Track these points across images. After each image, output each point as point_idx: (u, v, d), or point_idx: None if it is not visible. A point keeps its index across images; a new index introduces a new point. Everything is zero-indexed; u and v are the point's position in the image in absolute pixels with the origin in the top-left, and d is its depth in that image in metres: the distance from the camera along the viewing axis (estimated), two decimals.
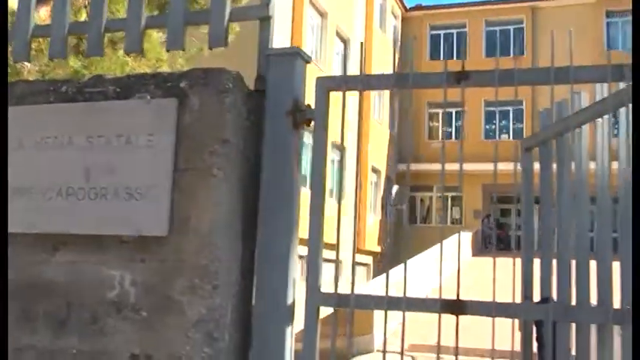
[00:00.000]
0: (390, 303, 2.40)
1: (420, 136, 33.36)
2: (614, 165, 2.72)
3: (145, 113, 2.61)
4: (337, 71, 24.50)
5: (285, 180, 2.53)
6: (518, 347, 3.12)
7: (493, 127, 32.95)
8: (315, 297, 2.47)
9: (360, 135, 3.24)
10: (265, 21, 2.69)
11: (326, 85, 2.54)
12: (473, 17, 33.53)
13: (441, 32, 34.19)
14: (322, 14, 22.93)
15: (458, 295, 2.44)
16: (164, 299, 2.46)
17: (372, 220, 28.43)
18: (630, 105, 2.42)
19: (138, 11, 2.83)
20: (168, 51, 2.89)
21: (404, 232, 31.52)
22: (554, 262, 3.05)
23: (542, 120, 3.37)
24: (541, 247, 3.27)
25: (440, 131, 33.86)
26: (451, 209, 33.23)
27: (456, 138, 33.53)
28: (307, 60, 2.65)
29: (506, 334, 2.65)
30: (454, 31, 33.94)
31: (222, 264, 2.45)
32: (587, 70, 2.48)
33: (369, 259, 28.17)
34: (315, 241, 2.52)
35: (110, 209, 2.59)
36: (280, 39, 20.02)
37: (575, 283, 2.83)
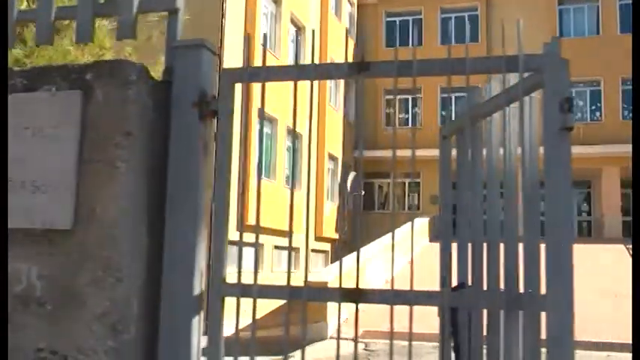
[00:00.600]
0: (291, 293, 2.42)
1: (377, 122, 33.49)
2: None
3: (51, 105, 2.59)
4: (291, 57, 24.45)
5: (190, 172, 2.53)
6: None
7: (450, 114, 33.17)
8: (219, 287, 2.48)
9: (317, 122, 3.27)
10: (173, 13, 2.68)
11: (230, 76, 2.55)
12: (428, 4, 33.68)
13: (397, 19, 34.28)
14: (276, 1, 22.82)
15: (357, 284, 2.45)
16: (69, 292, 2.46)
17: (330, 208, 28.50)
18: (533, 94, 2.46)
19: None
20: (77, 44, 2.86)
21: (361, 219, 31.67)
22: (469, 247, 3.10)
23: (460, 108, 3.42)
24: (458, 233, 3.32)
25: (396, 118, 33.98)
26: (408, 196, 33.47)
27: (412, 125, 33.71)
28: (214, 52, 2.65)
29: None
30: (409, 18, 34.06)
31: (127, 256, 2.45)
32: (483, 61, 2.51)
33: (327, 246, 28.27)
34: (219, 231, 2.52)
35: (17, 202, 2.57)
36: (234, 26, 19.90)
37: (486, 268, 2.88)
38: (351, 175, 30.53)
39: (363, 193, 31.94)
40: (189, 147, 2.55)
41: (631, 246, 25.39)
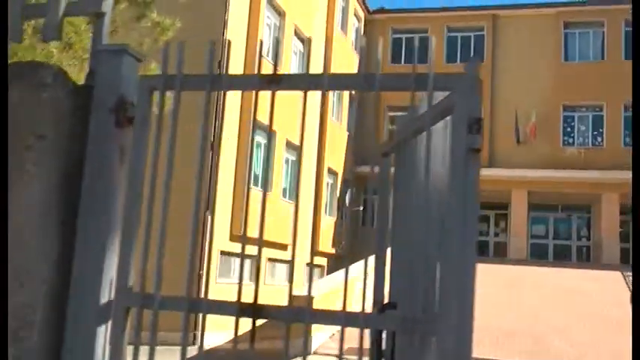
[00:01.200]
0: (191, 306, 2.37)
1: (378, 139, 33.38)
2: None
3: None
4: (294, 69, 24.50)
5: (105, 178, 2.49)
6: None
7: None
8: (122, 297, 2.44)
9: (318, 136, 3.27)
10: (99, 17, 2.65)
11: (147, 84, 2.51)
12: (435, 23, 33.74)
13: (403, 36, 34.34)
14: (281, 13, 22.87)
15: (255, 300, 2.40)
16: None
17: (327, 222, 28.45)
18: (448, 117, 2.43)
19: None
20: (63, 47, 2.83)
21: (359, 235, 31.59)
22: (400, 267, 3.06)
23: (398, 125, 3.39)
24: (392, 253, 3.28)
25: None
26: None
27: None
28: (139, 58, 2.62)
29: None
30: (416, 35, 34.07)
31: (31, 261, 2.41)
32: (393, 78, 2.48)
33: (323, 261, 28.20)
34: (126, 240, 2.47)
35: None
36: (236, 37, 19.96)
37: (412, 289, 2.83)
38: (350, 190, 30.52)
39: (362, 208, 31.89)
40: (105, 153, 2.51)
41: (629, 273, 25.24)
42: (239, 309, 2.30)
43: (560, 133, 31.96)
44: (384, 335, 3.10)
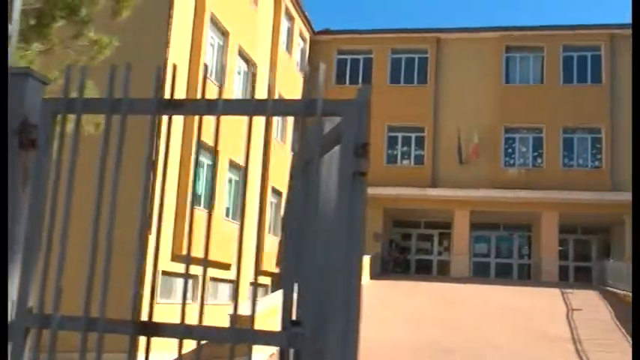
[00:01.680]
0: (88, 325, 2.40)
1: None
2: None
3: None
4: (238, 89, 24.55)
5: (8, 200, 2.51)
6: None
7: (395, 152, 33.63)
8: (21, 317, 2.46)
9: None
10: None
11: (50, 107, 2.55)
12: (379, 44, 34.22)
13: (348, 57, 34.74)
14: (224, 33, 22.92)
15: (150, 318, 2.45)
16: None
17: (271, 241, 28.42)
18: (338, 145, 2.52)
19: None
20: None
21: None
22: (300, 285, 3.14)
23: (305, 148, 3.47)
24: (300, 270, 3.35)
25: None
26: None
27: None
28: (44, 82, 2.65)
29: None
30: (361, 57, 34.56)
31: None
32: (285, 103, 2.58)
33: (267, 280, 28.13)
34: (27, 261, 2.50)
35: None
36: (179, 56, 19.91)
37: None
38: None
39: None
40: (9, 175, 2.54)
41: (567, 290, 25.84)
42: (134, 328, 2.35)
43: (502, 153, 32.66)
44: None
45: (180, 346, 2.54)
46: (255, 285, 2.78)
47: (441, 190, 32.11)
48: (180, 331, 2.42)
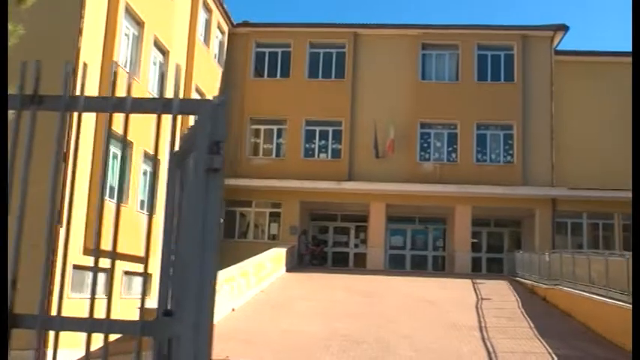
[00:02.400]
0: None
1: (241, 151, 33.58)
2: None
3: None
4: (153, 80, 24.21)
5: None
6: None
7: (313, 146, 33.84)
8: None
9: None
10: None
11: None
12: (298, 38, 34.30)
13: (266, 50, 34.70)
14: (140, 23, 22.55)
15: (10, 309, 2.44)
16: None
17: None
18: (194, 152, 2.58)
19: None
20: None
21: (220, 247, 31.48)
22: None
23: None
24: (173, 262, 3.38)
25: (261, 147, 34.33)
26: (269, 225, 33.66)
27: (276, 155, 34.09)
28: None
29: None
30: (279, 50, 34.56)
31: None
32: (143, 101, 2.61)
33: None
34: None
35: None
36: (92, 45, 19.51)
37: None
38: None
39: (221, 220, 31.80)
40: None
41: (479, 281, 26.60)
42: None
43: (417, 148, 33.27)
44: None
45: (89, 341, 2.56)
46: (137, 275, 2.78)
47: (358, 183, 32.50)
48: (39, 322, 2.43)
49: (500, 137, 33.45)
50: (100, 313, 2.62)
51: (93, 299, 2.67)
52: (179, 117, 2.57)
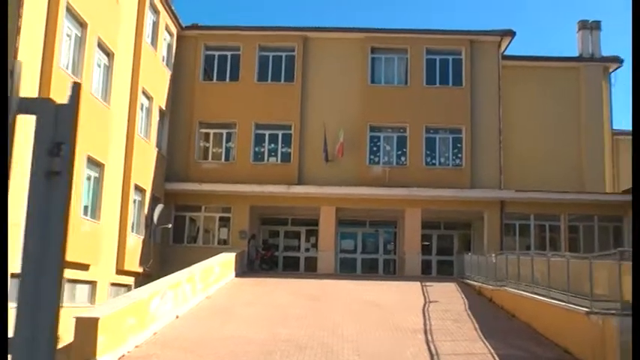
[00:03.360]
0: None
1: (190, 155, 33.22)
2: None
3: None
4: (97, 82, 23.75)
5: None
6: None
7: (262, 149, 33.64)
8: None
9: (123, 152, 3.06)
10: None
11: None
12: (247, 41, 34.08)
13: (215, 53, 34.39)
14: (82, 24, 22.05)
15: None
16: None
17: (134, 240, 27.73)
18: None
19: None
20: None
21: (169, 253, 31.12)
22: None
23: None
24: None
25: (210, 152, 33.97)
26: (219, 230, 33.33)
27: (226, 159, 33.79)
28: None
29: None
30: (228, 53, 34.29)
31: None
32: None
33: (130, 280, 27.40)
34: None
35: None
36: (31, 46, 19.02)
37: None
38: (159, 207, 29.96)
39: (169, 226, 31.42)
40: None
41: (428, 283, 26.69)
42: None
43: (367, 152, 33.31)
44: None
45: None
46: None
47: (307, 187, 32.40)
48: None
49: (449, 141, 33.68)
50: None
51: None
52: (18, 117, 2.38)
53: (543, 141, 35.05)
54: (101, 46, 23.76)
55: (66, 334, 12.85)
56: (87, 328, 13.16)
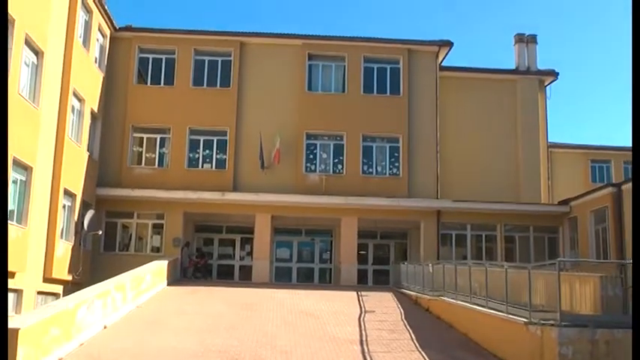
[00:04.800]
0: None
1: (122, 160, 32.28)
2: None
3: None
4: (25, 82, 22.77)
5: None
6: None
7: (197, 155, 32.95)
8: None
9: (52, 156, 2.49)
10: None
11: None
12: (183, 45, 33.38)
13: (150, 56, 33.56)
14: (9, 21, 21.07)
15: None
16: None
17: (63, 247, 26.68)
18: None
19: None
20: None
21: (100, 260, 30.11)
22: None
23: None
24: None
25: (143, 157, 33.07)
26: (152, 237, 32.45)
27: (159, 165, 32.95)
28: None
29: None
30: (163, 56, 33.51)
31: None
32: None
33: (58, 289, 26.35)
34: None
35: None
36: None
37: None
38: (90, 213, 28.96)
39: (100, 232, 30.42)
40: None
41: (364, 293, 26.44)
42: None
43: (304, 159, 32.98)
44: None
45: None
46: None
47: (243, 194, 31.86)
48: None
49: (386, 149, 33.62)
50: None
51: None
52: None
53: (480, 152, 35.40)
54: (29, 44, 22.80)
55: None
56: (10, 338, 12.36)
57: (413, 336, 18.16)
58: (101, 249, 31.27)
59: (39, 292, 24.92)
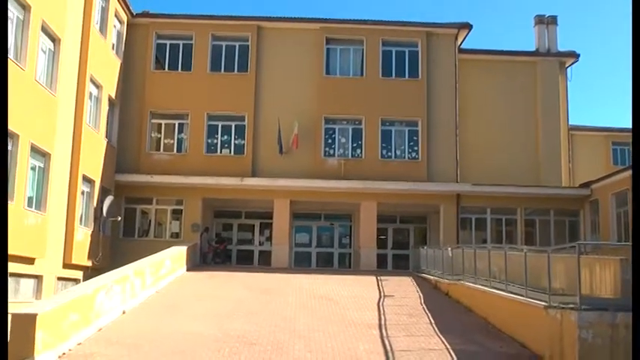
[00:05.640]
0: None
1: (141, 146, 32.33)
2: None
3: None
4: (42, 69, 22.81)
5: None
6: None
7: (215, 141, 32.92)
8: None
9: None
10: None
11: None
12: (200, 30, 33.29)
13: (167, 42, 33.52)
14: (25, 7, 21.07)
15: None
16: None
17: (83, 233, 26.82)
18: None
19: None
20: None
21: (119, 246, 30.23)
22: None
23: None
24: None
25: (162, 143, 33.10)
26: (171, 223, 32.54)
27: (178, 151, 32.97)
28: None
29: None
30: (180, 42, 33.46)
31: None
32: None
33: (78, 274, 26.52)
34: None
35: None
36: None
37: None
38: (108, 199, 29.07)
39: (119, 218, 30.54)
40: None
41: (383, 277, 26.34)
42: None
43: (322, 144, 32.85)
44: None
45: None
46: None
47: (261, 179, 31.82)
48: None
49: (405, 133, 33.39)
50: None
51: None
52: None
53: (500, 135, 35.03)
54: (46, 31, 22.83)
55: None
56: (24, 325, 12.44)
57: (432, 320, 18.05)
58: (120, 235, 31.40)
59: (59, 278, 25.08)
